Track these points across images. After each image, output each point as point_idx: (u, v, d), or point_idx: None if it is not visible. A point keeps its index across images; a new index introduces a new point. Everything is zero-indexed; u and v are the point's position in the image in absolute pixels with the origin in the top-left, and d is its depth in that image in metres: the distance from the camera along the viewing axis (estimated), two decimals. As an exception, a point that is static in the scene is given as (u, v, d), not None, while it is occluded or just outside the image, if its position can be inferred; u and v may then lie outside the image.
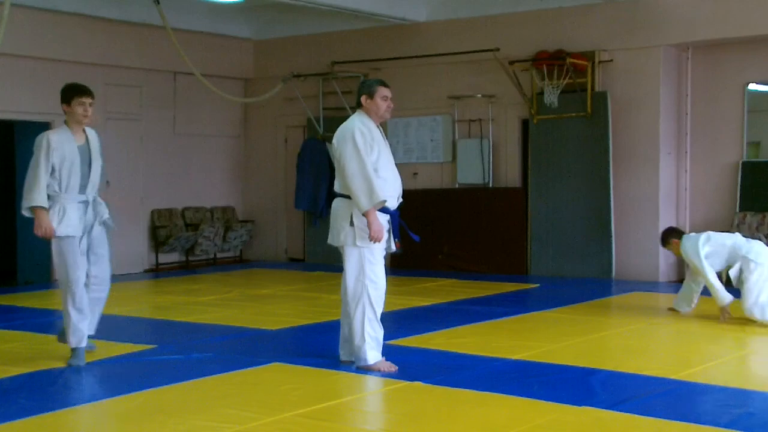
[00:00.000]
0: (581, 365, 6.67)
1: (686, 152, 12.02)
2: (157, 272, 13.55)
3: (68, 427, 5.16)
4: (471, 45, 12.65)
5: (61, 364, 6.74)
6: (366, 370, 6.36)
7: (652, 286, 11.02)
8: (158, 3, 11.10)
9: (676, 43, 11.69)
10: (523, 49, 12.21)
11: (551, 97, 11.91)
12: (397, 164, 15.12)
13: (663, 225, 11.66)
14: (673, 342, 7.74)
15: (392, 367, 6.37)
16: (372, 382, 6.10)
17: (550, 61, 11.82)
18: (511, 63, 12.13)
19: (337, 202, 6.49)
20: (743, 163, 11.71)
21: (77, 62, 12.62)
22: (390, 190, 6.40)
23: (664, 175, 11.66)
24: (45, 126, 12.42)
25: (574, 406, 5.42)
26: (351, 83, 13.80)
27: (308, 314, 9.14)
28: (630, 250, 11.75)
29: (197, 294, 10.76)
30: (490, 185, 12.82)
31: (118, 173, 13.20)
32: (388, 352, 7.26)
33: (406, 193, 14.14)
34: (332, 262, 13.95)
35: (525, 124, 12.64)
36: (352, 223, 6.34)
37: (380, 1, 12.59)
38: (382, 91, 6.52)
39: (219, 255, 14.61)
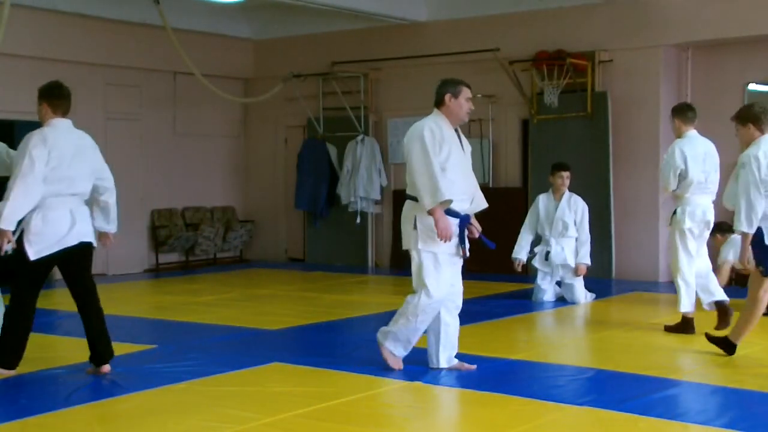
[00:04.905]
0: (581, 365, 6.68)
1: (686, 152, 12.00)
2: (157, 272, 13.55)
3: (68, 427, 5.16)
4: (471, 45, 12.65)
5: (60, 364, 6.75)
6: (379, 349, 6.39)
7: (652, 286, 11.02)
8: (158, 3, 11.11)
9: (676, 43, 11.69)
10: (523, 49, 12.21)
11: (551, 97, 11.91)
12: (397, 164, 15.12)
13: (663, 225, 11.67)
14: (673, 342, 7.74)
15: (397, 364, 6.34)
16: (372, 382, 6.10)
17: (550, 61, 11.83)
18: (511, 63, 12.13)
19: (405, 205, 6.32)
20: (743, 163, 11.69)
21: (77, 62, 12.62)
22: (457, 192, 6.15)
23: (664, 175, 11.65)
24: (45, 126, 12.48)
25: (574, 406, 5.43)
26: (351, 83, 13.81)
27: (308, 314, 9.14)
28: (630, 250, 11.74)
29: (197, 294, 10.76)
30: (490, 185, 12.82)
31: (118, 173, 13.18)
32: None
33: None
34: (332, 262, 13.99)
35: (525, 124, 12.64)
36: (415, 226, 6.17)
37: (380, 1, 12.59)
38: (467, 92, 6.31)
39: (219, 255, 14.61)
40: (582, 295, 9.76)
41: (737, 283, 11.13)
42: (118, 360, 6.92)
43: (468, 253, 6.31)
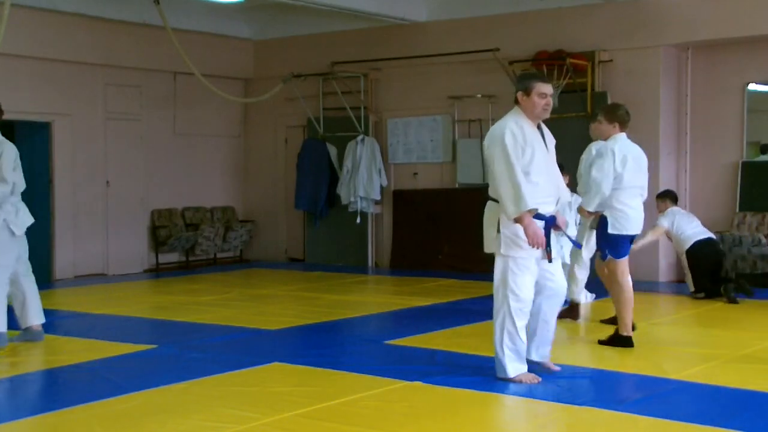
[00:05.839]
0: (581, 365, 6.68)
1: (686, 152, 12.02)
2: (157, 272, 13.55)
3: (68, 427, 5.16)
4: (471, 45, 12.65)
5: (61, 364, 6.75)
6: (507, 381, 6.06)
7: (652, 286, 11.01)
8: (158, 3, 11.10)
9: (676, 43, 11.69)
10: (523, 49, 12.21)
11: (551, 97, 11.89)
12: (396, 164, 15.09)
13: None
14: (673, 342, 7.74)
15: (535, 379, 6.03)
16: (372, 382, 6.10)
17: (550, 61, 11.82)
18: (511, 63, 12.13)
19: (487, 207, 6.18)
20: (743, 163, 11.71)
21: (77, 62, 12.62)
22: (542, 195, 5.96)
23: (664, 175, 11.65)
24: (45, 126, 12.49)
25: (574, 406, 5.43)
26: (351, 83, 13.81)
27: (308, 314, 9.14)
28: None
29: (197, 294, 10.76)
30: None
31: (118, 173, 13.22)
32: (388, 351, 7.28)
33: (406, 193, 14.14)
34: (332, 262, 13.99)
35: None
36: (499, 230, 6.02)
37: (380, 1, 12.58)
38: (540, 88, 6.01)
39: (219, 255, 14.61)
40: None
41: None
42: (118, 360, 6.93)
43: (552, 257, 6.07)
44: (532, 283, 6.04)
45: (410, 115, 13.54)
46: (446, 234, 13.09)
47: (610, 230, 7.29)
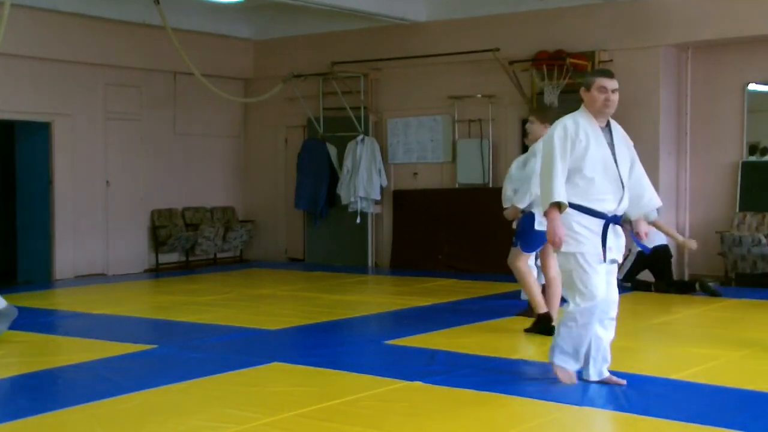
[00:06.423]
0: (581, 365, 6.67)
1: (686, 152, 12.02)
2: (157, 272, 13.55)
3: (68, 427, 5.16)
4: (471, 45, 12.65)
5: (61, 364, 6.75)
6: (550, 365, 6.01)
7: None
8: (158, 3, 11.11)
9: (676, 43, 11.70)
10: (523, 49, 12.21)
11: (551, 97, 11.91)
12: (396, 164, 15.06)
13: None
14: (672, 342, 7.74)
15: (571, 381, 5.89)
16: (371, 382, 6.10)
17: (550, 61, 11.82)
18: (511, 63, 12.13)
19: None
20: (743, 163, 11.71)
21: (77, 62, 12.62)
22: (597, 192, 5.75)
23: (664, 175, 11.66)
24: (45, 126, 12.49)
25: (574, 406, 5.43)
26: (351, 83, 13.81)
27: (308, 314, 9.14)
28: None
29: (197, 294, 10.76)
30: (490, 185, 12.82)
31: (118, 173, 13.22)
32: (388, 351, 7.28)
33: (406, 193, 14.14)
34: (332, 262, 14.00)
35: (525, 124, 12.63)
36: None
37: (380, 1, 12.59)
38: (600, 82, 5.81)
39: (219, 255, 14.61)
40: None
41: (737, 283, 11.14)
42: (118, 360, 6.93)
43: (606, 258, 5.78)
44: (601, 280, 5.78)
45: (410, 115, 13.54)
46: (446, 234, 13.08)
47: (536, 227, 7.57)
